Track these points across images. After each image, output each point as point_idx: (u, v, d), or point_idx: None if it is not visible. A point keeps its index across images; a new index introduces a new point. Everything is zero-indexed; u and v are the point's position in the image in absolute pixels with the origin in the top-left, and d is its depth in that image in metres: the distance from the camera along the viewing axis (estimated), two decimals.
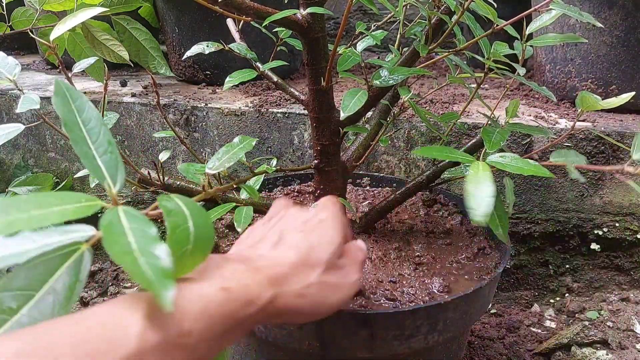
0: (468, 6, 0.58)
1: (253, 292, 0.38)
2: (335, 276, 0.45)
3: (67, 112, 0.34)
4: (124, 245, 0.29)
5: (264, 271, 0.40)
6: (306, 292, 0.42)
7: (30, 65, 1.66)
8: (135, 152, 1.22)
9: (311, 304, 0.42)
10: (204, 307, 0.34)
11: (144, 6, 1.37)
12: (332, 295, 0.44)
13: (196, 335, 0.33)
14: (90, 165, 0.34)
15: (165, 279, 0.28)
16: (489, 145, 0.56)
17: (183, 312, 0.33)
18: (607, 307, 1.04)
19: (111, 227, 0.30)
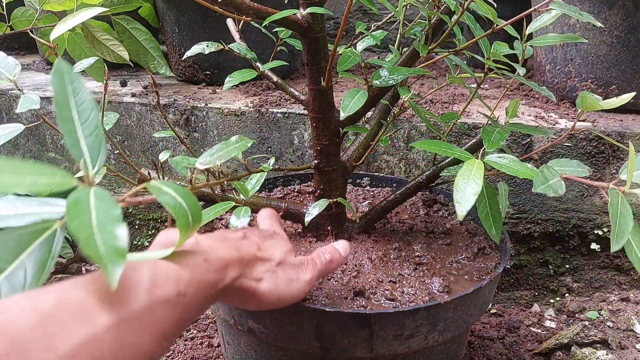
0: (468, 6, 0.58)
1: (226, 266, 0.45)
2: (287, 271, 0.52)
3: (61, 90, 0.35)
4: (85, 220, 0.30)
5: (236, 250, 0.47)
6: (262, 276, 0.49)
7: (30, 65, 1.66)
8: (135, 152, 1.22)
9: (264, 290, 0.48)
10: (192, 274, 0.40)
11: (144, 6, 1.37)
12: (284, 287, 0.50)
13: (189, 296, 0.39)
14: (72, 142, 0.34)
15: (117, 257, 0.30)
16: (488, 144, 0.56)
17: (179, 276, 0.39)
18: (607, 307, 1.04)
19: (78, 203, 0.31)
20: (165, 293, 0.36)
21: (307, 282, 0.53)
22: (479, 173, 0.47)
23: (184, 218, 0.37)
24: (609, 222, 1.03)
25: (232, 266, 0.46)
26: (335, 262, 0.57)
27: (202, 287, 0.41)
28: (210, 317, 1.01)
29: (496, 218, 0.59)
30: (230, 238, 0.50)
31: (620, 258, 1.07)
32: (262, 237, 0.54)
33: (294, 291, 0.52)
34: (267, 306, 0.50)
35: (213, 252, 0.44)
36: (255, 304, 0.49)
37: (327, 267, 0.56)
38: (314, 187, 0.70)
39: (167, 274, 0.38)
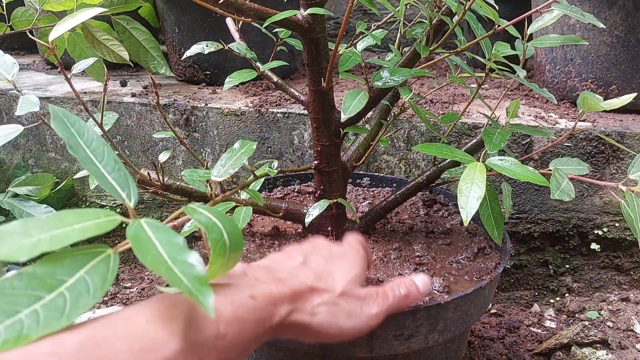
0: (469, 7, 0.58)
1: (275, 302, 0.40)
2: (350, 304, 0.46)
3: (69, 135, 0.36)
4: (156, 255, 0.30)
5: (286, 284, 0.43)
6: (317, 311, 0.44)
7: (30, 65, 1.66)
8: (135, 152, 1.22)
9: (320, 324, 0.43)
10: (235, 312, 0.36)
11: (144, 6, 1.37)
12: (344, 320, 0.45)
13: (230, 338, 0.35)
14: (103, 183, 0.35)
15: (203, 287, 0.30)
16: (490, 146, 0.56)
17: (219, 315, 0.35)
18: (607, 307, 1.04)
19: (138, 238, 0.31)
20: (202, 337, 0.33)
21: (372, 316, 0.47)
22: (482, 177, 0.47)
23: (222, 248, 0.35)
24: (609, 222, 1.03)
25: (282, 303, 0.41)
26: (411, 297, 0.51)
27: (245, 327, 0.37)
28: None
29: (498, 220, 0.59)
30: (284, 268, 0.46)
31: (620, 258, 1.07)
32: (329, 258, 0.49)
33: (358, 325, 0.46)
34: (328, 339, 0.45)
35: (261, 287, 0.40)
36: (313, 338, 0.45)
37: (400, 303, 0.50)
38: (314, 187, 0.70)
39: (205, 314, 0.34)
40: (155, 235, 0.32)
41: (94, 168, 0.35)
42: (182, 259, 0.31)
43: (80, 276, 0.30)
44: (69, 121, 0.37)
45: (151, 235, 0.32)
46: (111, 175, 0.35)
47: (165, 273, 0.30)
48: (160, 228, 0.33)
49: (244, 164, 0.61)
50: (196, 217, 0.36)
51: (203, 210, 0.36)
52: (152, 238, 0.31)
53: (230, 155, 0.52)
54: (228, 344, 0.35)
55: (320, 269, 0.47)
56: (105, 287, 0.30)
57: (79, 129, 0.36)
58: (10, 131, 0.60)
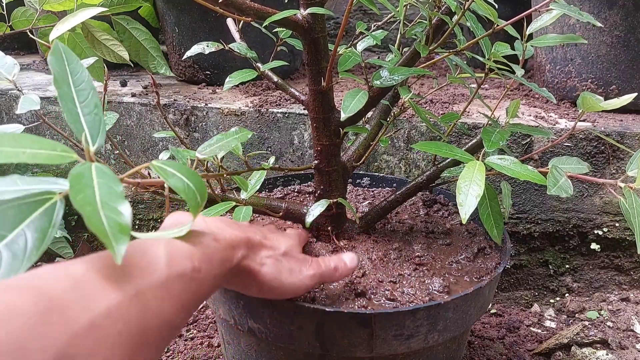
0: (469, 7, 0.58)
1: (234, 246, 0.47)
2: (291, 263, 0.54)
3: (60, 70, 0.36)
4: (89, 196, 0.31)
5: (243, 234, 0.49)
6: (265, 262, 0.51)
7: (30, 65, 1.66)
8: (135, 152, 1.22)
9: (266, 273, 0.50)
10: (204, 252, 0.42)
11: (144, 6, 1.37)
12: (286, 275, 0.52)
13: (204, 272, 0.41)
14: (72, 120, 0.35)
15: (121, 234, 0.30)
16: (489, 144, 0.56)
17: (193, 253, 0.41)
18: (607, 307, 1.04)
19: (80, 177, 0.32)
20: (182, 268, 0.39)
21: (309, 276, 0.54)
22: (481, 175, 0.47)
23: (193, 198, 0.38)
24: (609, 222, 1.03)
25: (239, 247, 0.48)
26: (340, 271, 0.58)
27: (213, 264, 0.43)
28: (210, 317, 1.01)
29: (497, 219, 0.59)
30: (237, 223, 0.52)
31: (620, 258, 1.07)
32: (269, 230, 0.57)
33: (296, 281, 0.53)
34: (269, 292, 0.52)
35: (221, 233, 0.46)
36: (257, 289, 0.51)
37: (330, 274, 0.57)
38: (314, 187, 0.70)
39: (182, 251, 0.40)
40: (99, 179, 0.32)
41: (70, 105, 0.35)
42: (113, 205, 0.31)
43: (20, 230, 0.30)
44: (67, 58, 0.37)
45: (94, 178, 0.32)
46: (86, 116, 0.35)
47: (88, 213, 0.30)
48: (107, 174, 0.33)
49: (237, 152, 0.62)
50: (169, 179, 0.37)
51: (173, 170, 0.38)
52: (94, 180, 0.32)
53: (222, 137, 0.52)
54: (202, 277, 0.41)
55: (266, 233, 0.55)
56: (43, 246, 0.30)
57: (73, 68, 0.37)
58: (10, 131, 0.60)
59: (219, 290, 0.61)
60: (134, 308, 0.33)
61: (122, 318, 0.32)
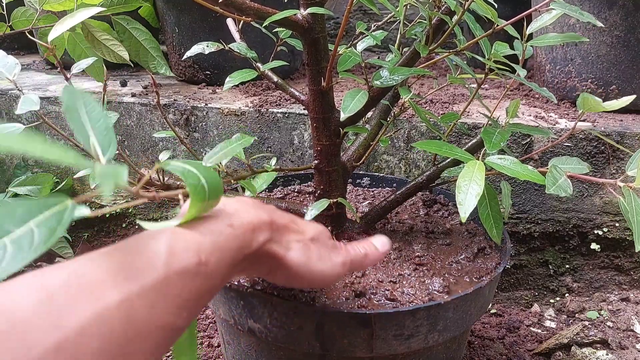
0: (468, 6, 0.58)
1: (254, 229, 0.42)
2: (320, 248, 0.49)
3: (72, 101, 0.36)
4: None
5: (267, 215, 0.44)
6: (292, 246, 0.46)
7: (30, 65, 1.66)
8: (135, 152, 1.22)
9: (293, 259, 0.45)
10: (215, 241, 0.38)
11: (144, 6, 1.37)
12: (315, 261, 0.47)
13: (211, 265, 0.37)
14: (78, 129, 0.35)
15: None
16: (489, 145, 0.56)
17: (200, 244, 0.37)
18: (607, 307, 1.04)
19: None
20: (184, 263, 0.35)
21: (340, 264, 0.49)
22: (480, 175, 0.47)
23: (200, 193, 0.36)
24: (609, 222, 1.03)
25: (261, 230, 0.43)
26: (370, 256, 0.53)
27: (226, 254, 0.39)
28: (210, 317, 1.01)
29: (497, 219, 0.59)
30: (262, 205, 0.47)
31: (620, 258, 1.07)
32: (298, 218, 0.51)
33: (326, 268, 0.48)
34: (297, 280, 0.47)
35: (239, 215, 0.42)
36: (284, 276, 0.46)
37: (361, 260, 0.52)
38: (314, 187, 0.70)
39: (187, 243, 0.36)
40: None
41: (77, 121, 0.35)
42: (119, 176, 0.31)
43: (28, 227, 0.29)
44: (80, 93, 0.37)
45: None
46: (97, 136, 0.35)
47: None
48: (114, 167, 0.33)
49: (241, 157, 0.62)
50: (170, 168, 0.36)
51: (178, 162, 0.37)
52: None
53: (225, 144, 0.52)
54: (211, 270, 0.37)
55: (293, 217, 0.49)
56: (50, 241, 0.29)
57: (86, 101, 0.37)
58: (10, 130, 0.60)
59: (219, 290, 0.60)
60: (117, 319, 0.30)
61: (100, 332, 0.29)
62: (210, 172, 0.37)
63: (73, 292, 0.29)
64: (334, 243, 0.51)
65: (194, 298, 0.36)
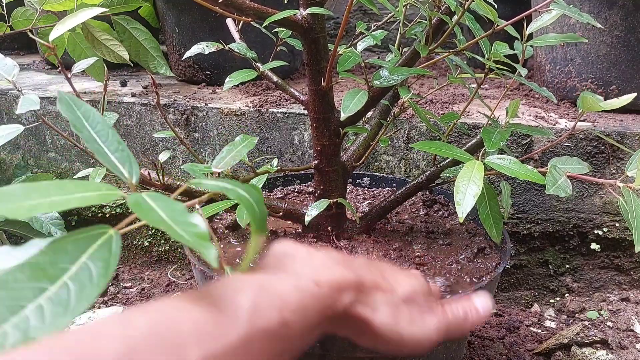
0: (468, 7, 0.58)
1: (340, 289, 0.38)
2: (412, 310, 0.43)
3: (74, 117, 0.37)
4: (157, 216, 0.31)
5: (352, 273, 0.40)
6: (380, 308, 0.41)
7: (30, 65, 1.66)
8: (135, 152, 1.22)
9: (382, 322, 0.41)
10: (300, 299, 0.35)
11: (144, 6, 1.37)
12: (405, 325, 0.42)
13: (293, 326, 0.33)
14: (105, 160, 0.35)
15: (204, 241, 0.30)
16: (489, 144, 0.56)
17: (284, 301, 0.33)
18: (607, 307, 1.04)
19: (140, 204, 0.32)
20: (266, 322, 0.32)
21: (434, 328, 0.43)
22: (479, 175, 0.47)
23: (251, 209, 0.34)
24: (609, 222, 1.03)
25: (347, 290, 0.39)
26: (471, 320, 0.46)
27: (309, 315, 0.35)
28: None
29: (496, 219, 0.59)
30: (348, 260, 0.43)
31: (620, 258, 1.07)
32: (391, 270, 0.46)
33: (418, 333, 0.42)
34: (384, 345, 0.42)
35: (325, 272, 0.38)
36: (371, 340, 0.42)
37: (459, 324, 0.45)
38: (314, 187, 0.70)
39: (272, 299, 0.33)
40: (156, 203, 0.32)
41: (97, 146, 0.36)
42: (183, 219, 0.31)
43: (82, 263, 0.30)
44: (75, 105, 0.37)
45: (151, 203, 0.32)
46: (114, 154, 0.36)
47: (167, 229, 0.30)
48: (162, 198, 0.33)
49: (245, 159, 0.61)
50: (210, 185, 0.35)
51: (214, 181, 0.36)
52: (153, 205, 0.32)
53: (231, 148, 0.52)
54: (292, 332, 0.33)
55: (384, 272, 0.44)
56: (108, 273, 0.30)
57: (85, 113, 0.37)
58: (10, 131, 0.60)
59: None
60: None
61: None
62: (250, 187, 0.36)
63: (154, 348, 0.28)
64: (429, 304, 0.45)
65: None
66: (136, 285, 1.19)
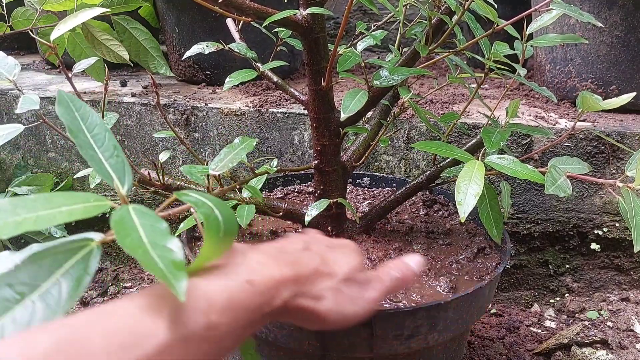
0: (468, 6, 0.58)
1: (277, 286, 0.39)
2: (352, 289, 0.45)
3: (71, 119, 0.36)
4: (136, 239, 0.30)
5: (290, 267, 0.41)
6: (323, 295, 0.43)
7: (30, 65, 1.66)
8: (135, 152, 1.22)
9: (326, 309, 0.43)
10: (229, 299, 0.34)
11: (144, 6, 1.37)
12: (347, 306, 0.44)
13: (222, 328, 0.33)
14: (98, 168, 0.35)
15: (177, 271, 0.29)
16: (489, 144, 0.56)
17: (210, 303, 0.33)
18: (607, 307, 1.04)
19: (122, 222, 0.31)
20: (190, 328, 0.31)
21: (372, 300, 0.47)
22: (480, 175, 0.47)
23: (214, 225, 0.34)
24: (609, 222, 1.03)
25: (285, 286, 0.39)
26: (406, 280, 0.50)
27: (240, 314, 0.35)
28: None
29: (497, 219, 0.59)
30: (288, 250, 0.44)
31: (620, 258, 1.07)
32: (330, 247, 0.48)
33: (359, 310, 0.45)
34: (332, 326, 0.44)
35: (261, 271, 0.38)
36: (317, 325, 0.44)
37: (396, 285, 0.49)
38: (314, 187, 0.70)
39: (197, 303, 0.32)
40: (140, 220, 0.31)
41: (90, 152, 0.35)
42: (162, 243, 0.30)
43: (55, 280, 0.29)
44: (74, 106, 0.37)
45: (135, 220, 0.31)
46: (108, 160, 0.35)
47: (141, 256, 0.29)
48: (147, 215, 0.32)
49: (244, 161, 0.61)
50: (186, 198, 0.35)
51: (194, 193, 0.36)
52: (136, 223, 0.31)
53: (229, 150, 0.52)
54: (220, 334, 0.33)
55: (323, 254, 0.46)
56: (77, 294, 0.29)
57: (83, 114, 0.36)
58: (10, 130, 0.60)
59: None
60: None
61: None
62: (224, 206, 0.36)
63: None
64: (366, 277, 0.48)
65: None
66: (136, 285, 1.19)
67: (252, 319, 0.36)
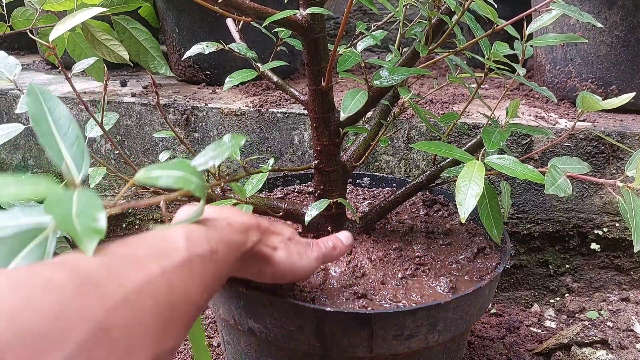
0: (468, 6, 0.58)
1: (247, 230, 0.49)
2: (298, 246, 0.56)
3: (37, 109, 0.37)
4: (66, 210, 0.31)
5: (252, 219, 0.52)
6: (277, 246, 0.53)
7: (30, 65, 1.66)
8: (135, 152, 1.22)
9: (278, 258, 0.52)
10: (220, 235, 0.44)
11: (144, 6, 1.37)
12: (296, 258, 0.54)
13: (220, 254, 0.42)
14: (55, 154, 0.36)
15: (92, 233, 0.31)
16: (489, 144, 0.56)
17: (210, 235, 0.42)
18: (607, 307, 1.04)
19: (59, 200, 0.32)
20: (200, 249, 0.40)
21: (314, 258, 0.56)
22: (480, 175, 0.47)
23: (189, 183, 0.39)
24: (609, 222, 1.03)
25: (252, 230, 0.49)
26: (338, 249, 0.60)
27: (229, 246, 0.44)
28: (210, 317, 1.01)
29: (497, 219, 0.59)
30: (245, 212, 0.54)
31: (620, 258, 1.07)
32: (272, 221, 0.59)
33: (305, 264, 0.55)
34: (282, 276, 0.53)
35: (235, 218, 0.48)
36: (271, 273, 0.52)
37: (330, 253, 0.59)
38: (314, 187, 0.70)
39: (199, 234, 0.41)
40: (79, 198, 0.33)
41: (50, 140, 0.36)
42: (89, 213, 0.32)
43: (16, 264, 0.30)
44: (43, 97, 0.38)
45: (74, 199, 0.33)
46: (68, 149, 0.37)
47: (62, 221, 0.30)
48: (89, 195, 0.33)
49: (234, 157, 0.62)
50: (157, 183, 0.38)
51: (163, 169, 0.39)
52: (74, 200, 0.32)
53: (215, 147, 0.52)
54: (220, 259, 0.42)
55: (270, 221, 0.56)
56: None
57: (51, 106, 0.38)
58: (10, 130, 0.61)
59: (219, 290, 0.61)
60: (161, 286, 0.34)
61: (152, 294, 0.33)
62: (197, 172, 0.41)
63: (121, 263, 0.33)
64: (306, 240, 0.58)
65: (211, 282, 0.41)
66: None
67: (237, 254, 0.46)
